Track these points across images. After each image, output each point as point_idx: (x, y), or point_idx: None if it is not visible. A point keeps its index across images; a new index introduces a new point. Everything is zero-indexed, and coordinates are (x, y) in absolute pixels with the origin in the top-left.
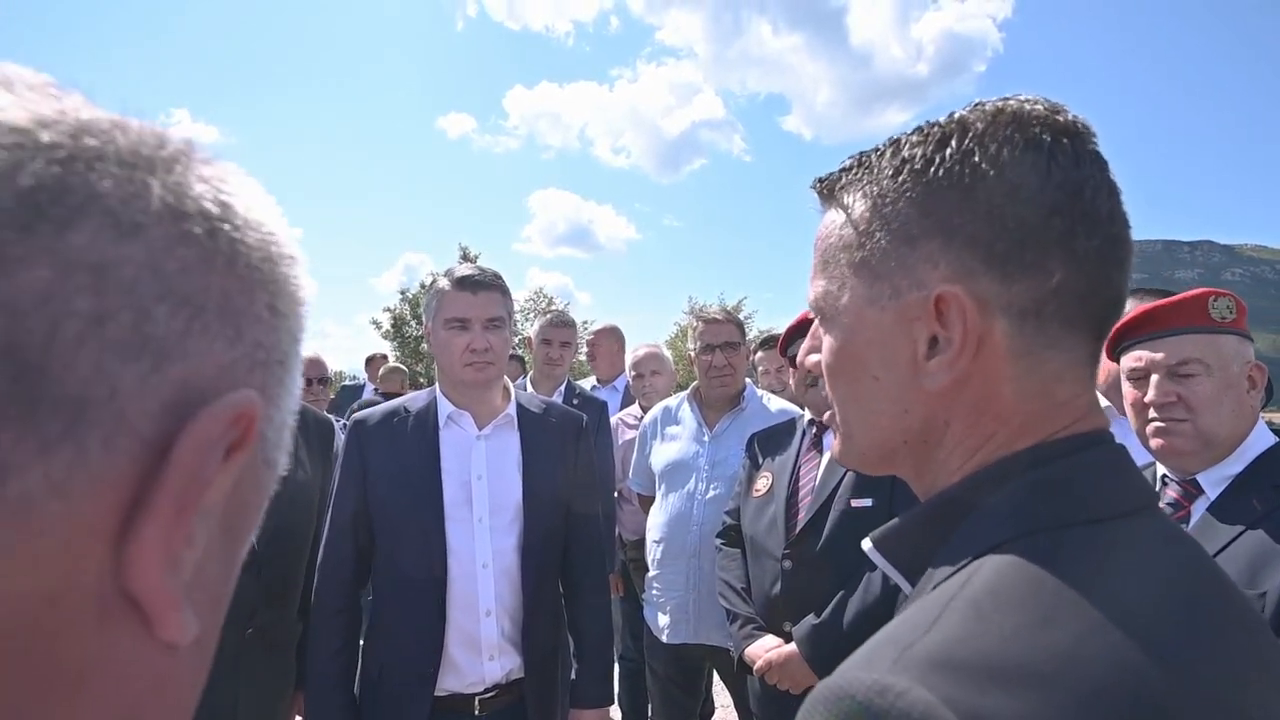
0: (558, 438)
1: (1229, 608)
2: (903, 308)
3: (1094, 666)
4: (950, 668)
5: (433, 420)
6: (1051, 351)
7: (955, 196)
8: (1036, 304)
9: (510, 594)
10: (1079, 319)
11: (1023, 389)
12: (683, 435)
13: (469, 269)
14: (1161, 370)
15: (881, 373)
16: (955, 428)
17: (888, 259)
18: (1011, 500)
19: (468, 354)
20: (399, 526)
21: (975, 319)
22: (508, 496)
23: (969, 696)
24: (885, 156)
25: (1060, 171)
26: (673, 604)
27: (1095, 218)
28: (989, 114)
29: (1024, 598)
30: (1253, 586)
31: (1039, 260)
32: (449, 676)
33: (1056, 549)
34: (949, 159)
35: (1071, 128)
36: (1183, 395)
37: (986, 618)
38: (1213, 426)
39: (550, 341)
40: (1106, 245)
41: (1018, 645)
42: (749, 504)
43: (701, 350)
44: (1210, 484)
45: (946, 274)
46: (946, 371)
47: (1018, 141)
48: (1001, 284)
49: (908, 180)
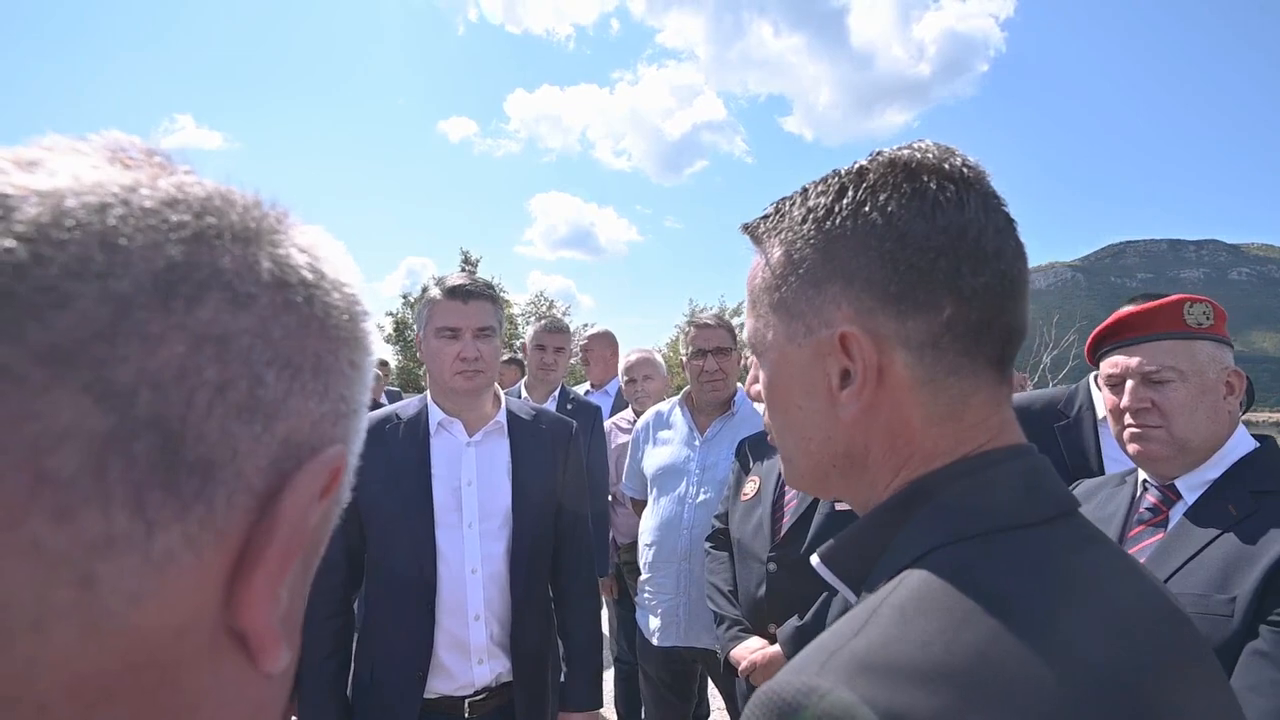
0: (547, 444)
1: (1145, 605)
2: (816, 345)
3: (1005, 664)
4: (872, 670)
5: (424, 427)
6: (953, 378)
7: (852, 243)
8: (932, 337)
9: (499, 599)
10: (976, 348)
11: (930, 413)
12: (674, 440)
13: (460, 278)
14: (1136, 376)
15: (805, 403)
16: (875, 451)
17: (800, 300)
18: (935, 513)
19: (458, 362)
20: (390, 531)
21: (872, 354)
22: (497, 503)
23: (887, 695)
24: (797, 205)
25: (944, 216)
26: (663, 607)
27: (981, 256)
28: (883, 164)
29: (942, 603)
30: (1224, 591)
31: (930, 298)
32: (438, 679)
33: (975, 556)
34: (845, 209)
35: (956, 174)
36: (1157, 401)
37: (908, 623)
38: (1187, 432)
39: (544, 347)
40: (994, 280)
41: (935, 648)
42: (737, 507)
43: (693, 355)
44: (1188, 489)
45: (848, 314)
46: (855, 401)
47: (906, 190)
48: (897, 320)
49: (812, 228)
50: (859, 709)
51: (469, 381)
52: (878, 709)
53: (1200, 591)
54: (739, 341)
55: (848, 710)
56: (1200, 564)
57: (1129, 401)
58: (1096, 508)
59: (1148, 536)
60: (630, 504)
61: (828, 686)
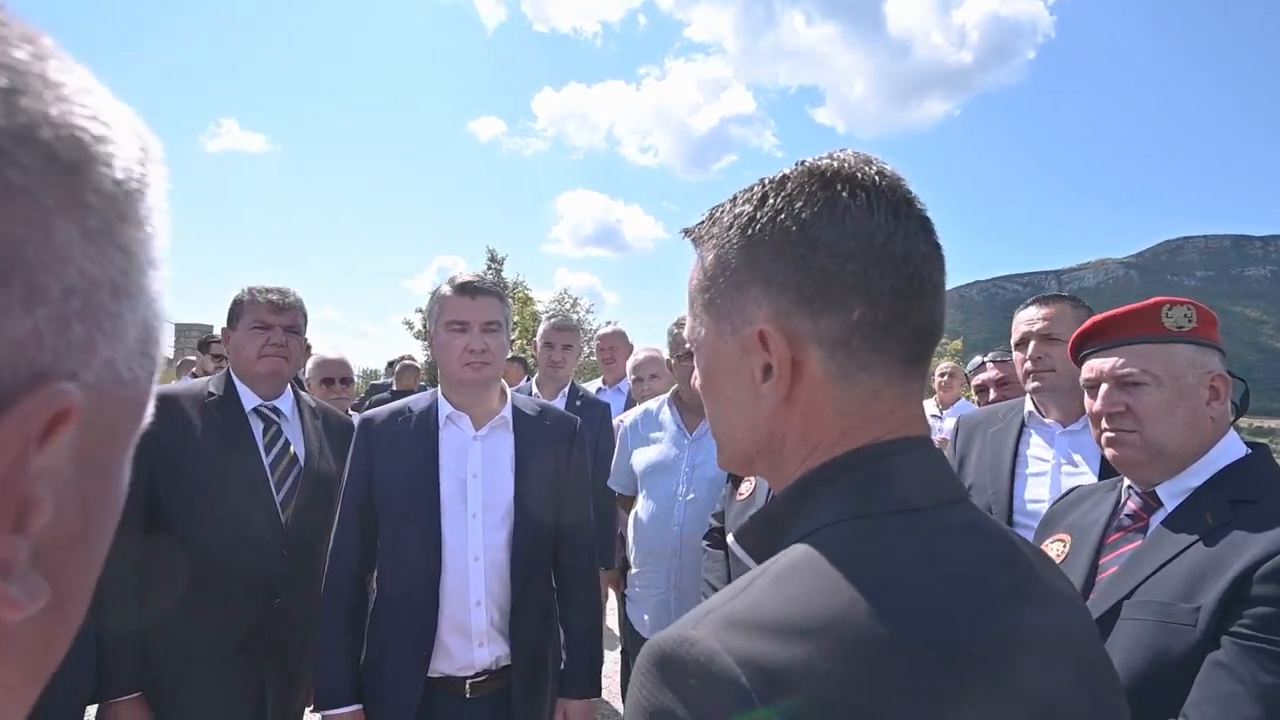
0: (551, 440)
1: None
2: (740, 342)
3: (862, 622)
4: (738, 624)
5: (433, 420)
6: (864, 374)
7: (770, 249)
8: (844, 336)
9: (499, 586)
10: (885, 346)
11: (842, 406)
12: (663, 438)
13: (469, 276)
14: (1110, 380)
15: (733, 394)
16: (791, 439)
17: (727, 301)
18: (832, 496)
19: (466, 354)
20: (399, 519)
21: (786, 350)
22: (500, 495)
23: (746, 645)
24: (726, 211)
25: (853, 223)
26: (654, 601)
27: (888, 260)
28: (803, 173)
29: (814, 569)
30: (1189, 600)
31: (839, 300)
32: (441, 659)
33: (855, 533)
34: (765, 216)
35: (869, 181)
36: (1131, 405)
37: (780, 586)
38: (1161, 438)
39: (553, 345)
40: (902, 283)
41: (798, 607)
42: (733, 506)
43: (682, 356)
44: (1169, 496)
45: (767, 314)
46: (773, 393)
47: (819, 199)
48: (811, 320)
49: (736, 234)
50: (720, 656)
51: (476, 373)
52: (737, 656)
53: (1166, 600)
54: None
55: (711, 657)
56: (1169, 573)
57: (1100, 405)
58: (1084, 513)
59: (1126, 543)
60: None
61: (697, 637)
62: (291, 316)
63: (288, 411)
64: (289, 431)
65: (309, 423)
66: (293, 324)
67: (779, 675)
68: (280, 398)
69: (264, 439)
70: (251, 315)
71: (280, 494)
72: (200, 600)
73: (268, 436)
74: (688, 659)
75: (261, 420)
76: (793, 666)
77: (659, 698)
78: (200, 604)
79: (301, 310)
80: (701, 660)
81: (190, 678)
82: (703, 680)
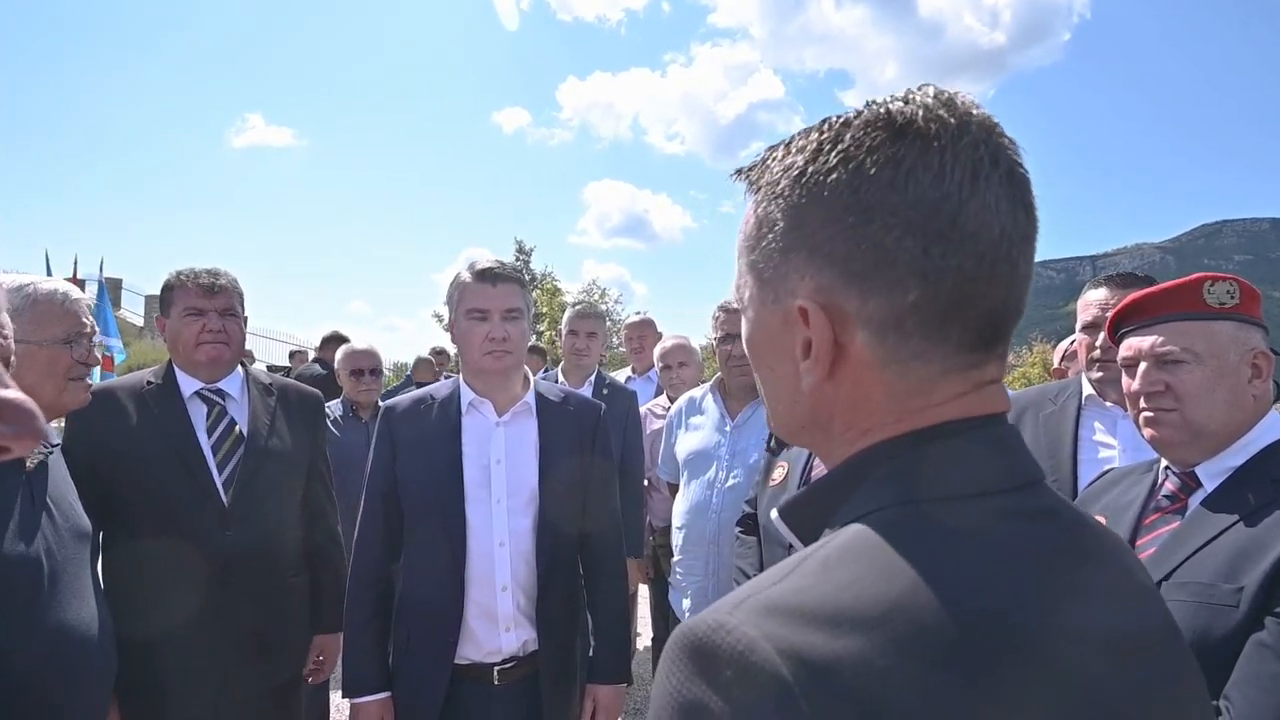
0: (575, 426)
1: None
2: (782, 312)
3: (919, 613)
4: (780, 612)
5: (456, 407)
6: (918, 362)
7: (819, 212)
8: (895, 319)
9: (525, 571)
10: (946, 332)
11: (894, 392)
12: (705, 425)
13: (489, 261)
14: (1149, 358)
15: (775, 365)
16: (837, 420)
17: (770, 265)
18: (887, 477)
19: (486, 343)
20: (424, 505)
21: (827, 331)
22: (524, 480)
23: (789, 635)
24: (778, 159)
25: (917, 189)
26: (693, 588)
27: (956, 236)
28: (866, 121)
29: (867, 555)
30: (1231, 581)
31: (893, 279)
32: (468, 646)
33: (912, 518)
34: (816, 174)
35: (945, 135)
36: (1171, 384)
37: (829, 571)
38: (1202, 417)
39: (577, 332)
40: (971, 262)
41: (848, 594)
42: (765, 493)
43: (722, 340)
44: (1209, 476)
45: (810, 287)
46: (811, 374)
47: (880, 156)
48: (859, 299)
49: (785, 190)
50: (759, 645)
51: (497, 361)
52: (778, 646)
53: (1207, 581)
54: None
55: (749, 645)
56: (1210, 553)
57: (1140, 385)
58: (1119, 495)
59: (1163, 524)
60: (666, 488)
61: (735, 623)
62: (225, 299)
63: (234, 391)
64: (234, 411)
65: (258, 400)
66: (228, 307)
67: (825, 669)
68: (227, 379)
69: (206, 421)
70: (183, 301)
71: (223, 474)
72: (150, 586)
73: (210, 418)
74: (723, 647)
75: (204, 403)
76: (841, 660)
77: (690, 689)
78: (150, 590)
79: (236, 291)
80: (738, 649)
81: (151, 664)
82: (739, 671)
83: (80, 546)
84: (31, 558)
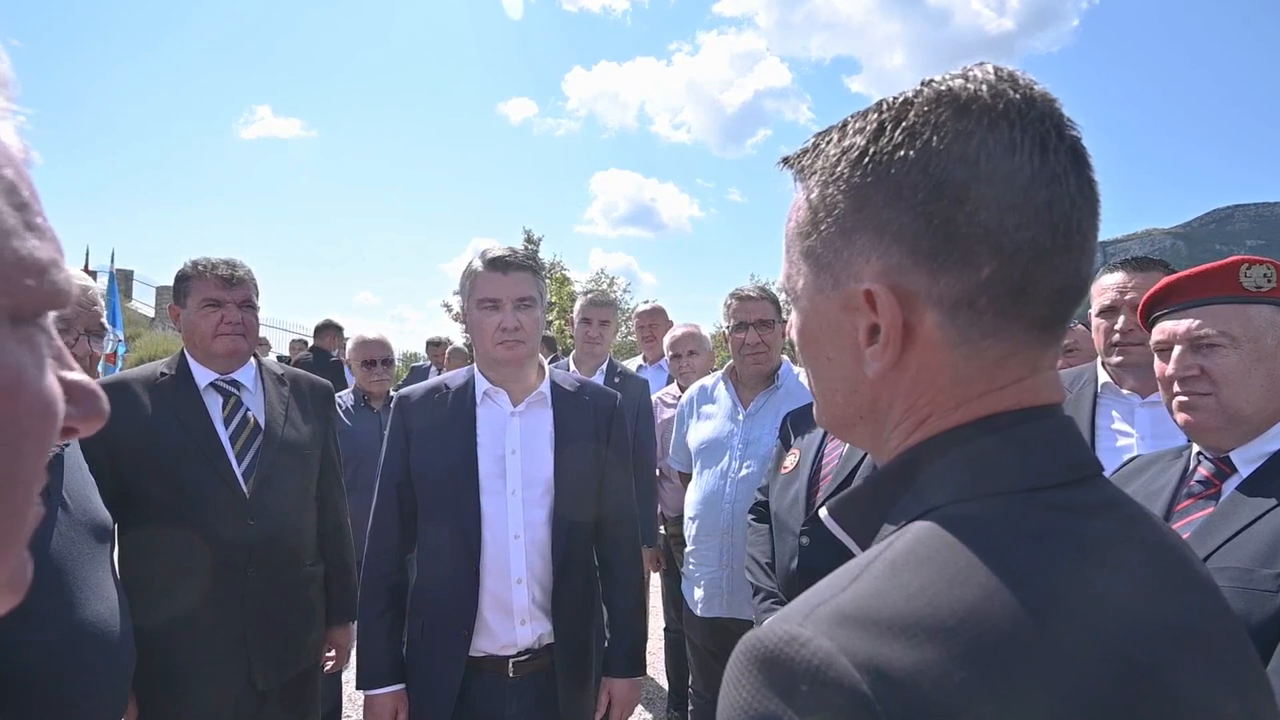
0: (590, 415)
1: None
2: (843, 298)
3: (995, 622)
4: (855, 621)
5: (470, 397)
6: (989, 341)
7: (885, 192)
8: (968, 297)
9: (540, 564)
10: (1018, 309)
11: (960, 375)
12: (718, 414)
13: (501, 250)
14: (1184, 342)
15: (833, 354)
16: (897, 408)
17: (829, 249)
18: (946, 471)
19: (499, 333)
20: (438, 496)
21: (898, 313)
22: (540, 471)
23: (867, 647)
24: (833, 141)
25: (989, 163)
26: (707, 579)
27: (1030, 208)
28: (928, 99)
29: (937, 558)
30: (1269, 566)
31: (966, 255)
32: (483, 638)
33: (979, 515)
34: (880, 153)
35: (1011, 110)
36: (1206, 368)
37: (899, 576)
38: (1238, 402)
39: (590, 320)
40: (1045, 234)
41: (922, 601)
42: (777, 481)
43: (735, 328)
44: (1244, 462)
45: (876, 269)
46: (878, 360)
47: (947, 132)
48: (930, 278)
49: (844, 171)
50: (836, 659)
51: (510, 351)
52: (856, 660)
53: (1245, 566)
54: (783, 313)
55: (826, 660)
56: (1247, 538)
57: (1174, 369)
58: (1147, 481)
59: (1196, 510)
60: (678, 478)
61: (808, 635)
62: (244, 291)
63: (249, 382)
64: (250, 401)
65: (272, 390)
66: (245, 298)
67: (907, 682)
68: (241, 370)
69: (223, 412)
70: (201, 292)
71: (242, 465)
72: (172, 578)
73: (227, 409)
74: (798, 661)
75: (219, 394)
76: (921, 672)
77: (763, 703)
78: (172, 582)
79: (253, 282)
80: (815, 664)
81: (173, 656)
82: (816, 686)
83: (98, 541)
84: (45, 553)
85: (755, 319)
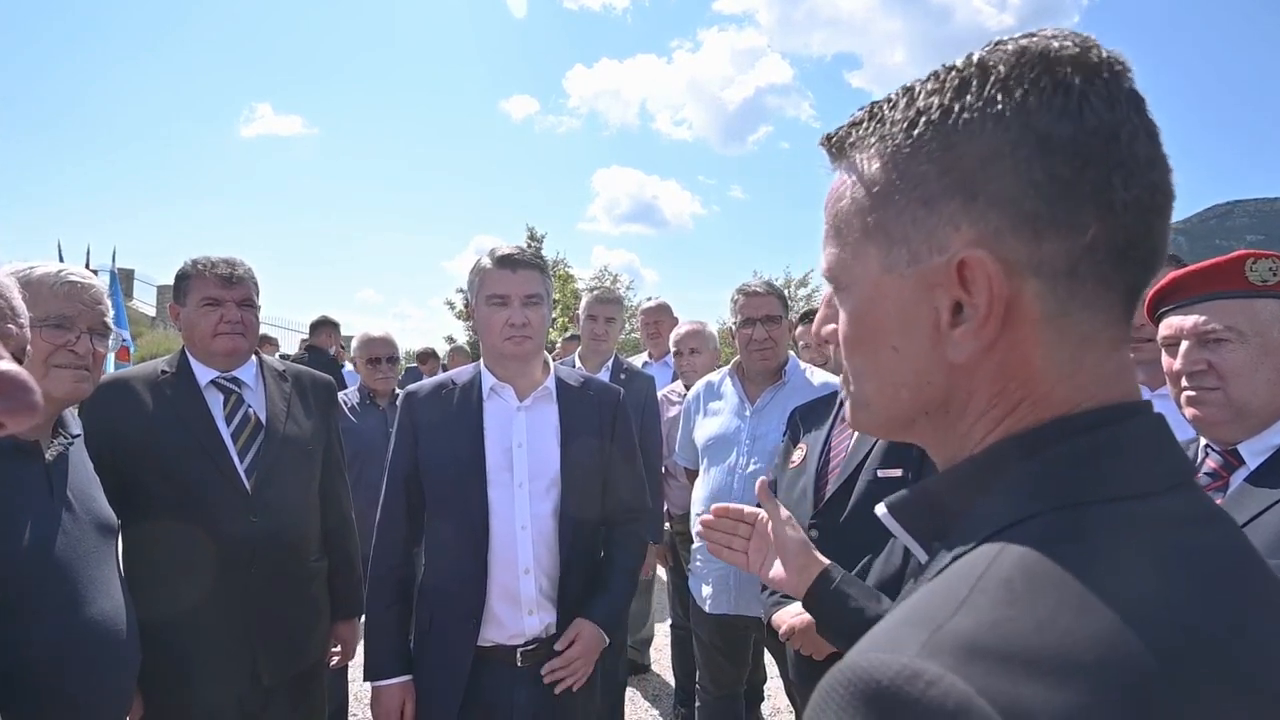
0: (595, 411)
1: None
2: (922, 274)
3: (1141, 657)
4: (984, 655)
5: (477, 392)
6: (1086, 313)
7: (977, 150)
8: (1070, 263)
9: (547, 555)
10: (1116, 275)
11: (1052, 355)
12: (724, 410)
13: (509, 248)
14: (1191, 338)
15: (901, 343)
16: (979, 398)
17: (904, 222)
18: (1039, 473)
19: (507, 328)
20: (446, 489)
21: (1002, 284)
22: (546, 464)
23: (1008, 688)
24: (899, 107)
25: (1094, 116)
26: (714, 575)
27: (1133, 165)
28: (1012, 55)
29: (1057, 580)
30: (1278, 556)
31: (1072, 216)
32: (491, 628)
33: (1089, 527)
34: (968, 108)
35: (1105, 66)
36: (1214, 363)
37: (1019, 600)
38: (1246, 396)
39: (595, 317)
40: (1146, 193)
41: (1055, 632)
42: (784, 475)
43: (742, 324)
44: (1251, 454)
45: (970, 236)
46: (972, 341)
47: (1045, 85)
48: (1031, 244)
49: (924, 134)
50: (976, 702)
51: (518, 346)
52: (998, 704)
53: None
54: (789, 309)
55: (962, 704)
56: (1255, 529)
57: (1182, 364)
58: None
59: None
60: (684, 475)
61: (936, 673)
62: (243, 290)
63: (250, 380)
64: (251, 399)
65: (274, 387)
66: (245, 297)
67: None
68: (241, 367)
69: (224, 409)
70: (200, 291)
71: (244, 462)
72: (176, 576)
73: (228, 407)
74: (925, 703)
75: (221, 392)
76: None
77: None
78: (176, 579)
79: (253, 281)
80: (949, 707)
81: (178, 653)
82: None
83: (103, 539)
84: (49, 551)
85: (762, 314)
